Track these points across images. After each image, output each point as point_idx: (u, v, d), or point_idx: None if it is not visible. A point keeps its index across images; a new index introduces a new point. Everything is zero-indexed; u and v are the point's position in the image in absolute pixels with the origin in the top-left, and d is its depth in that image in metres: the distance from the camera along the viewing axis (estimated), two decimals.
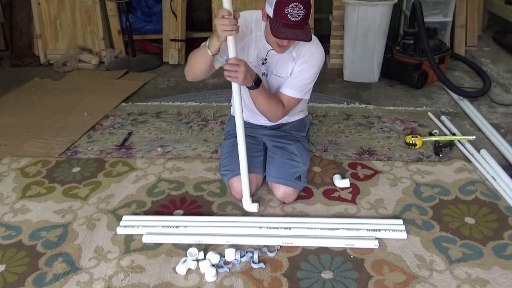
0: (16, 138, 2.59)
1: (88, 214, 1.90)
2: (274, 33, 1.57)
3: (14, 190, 2.09)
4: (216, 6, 3.62)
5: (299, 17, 1.53)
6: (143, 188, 2.07)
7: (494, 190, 1.97)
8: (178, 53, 3.83)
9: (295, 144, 1.99)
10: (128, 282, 1.54)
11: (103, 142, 2.54)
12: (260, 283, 1.51)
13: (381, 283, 1.50)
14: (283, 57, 1.78)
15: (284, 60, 1.79)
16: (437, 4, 3.53)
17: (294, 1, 1.51)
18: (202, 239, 1.70)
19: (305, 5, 1.53)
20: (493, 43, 3.82)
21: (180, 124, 2.74)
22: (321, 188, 2.02)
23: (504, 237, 1.69)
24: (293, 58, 1.79)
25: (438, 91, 3.14)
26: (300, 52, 1.78)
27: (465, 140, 2.34)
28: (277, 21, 1.55)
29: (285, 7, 1.51)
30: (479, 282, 1.49)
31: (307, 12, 1.54)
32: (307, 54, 1.77)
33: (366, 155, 2.31)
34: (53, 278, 1.56)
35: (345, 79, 3.41)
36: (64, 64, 3.82)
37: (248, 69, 1.63)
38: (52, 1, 3.93)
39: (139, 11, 4.05)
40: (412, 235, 1.71)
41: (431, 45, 3.06)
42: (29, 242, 1.75)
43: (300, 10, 1.52)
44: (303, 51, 1.77)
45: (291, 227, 1.74)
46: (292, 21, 1.53)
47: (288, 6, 1.51)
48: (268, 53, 1.78)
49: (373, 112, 2.81)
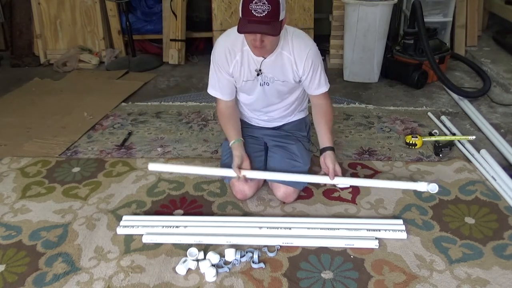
0: (16, 138, 2.59)
1: (88, 214, 1.90)
2: (238, 29, 1.59)
3: (14, 190, 2.09)
4: (216, 6, 3.62)
5: (264, 13, 1.53)
6: (143, 188, 2.07)
7: (494, 190, 1.97)
8: (178, 53, 3.84)
9: (296, 144, 1.99)
10: (128, 282, 1.54)
11: (103, 142, 2.54)
12: (260, 283, 1.51)
13: (381, 283, 1.50)
14: (277, 62, 1.79)
15: (280, 65, 1.79)
16: (437, 4, 3.54)
17: None
18: (202, 239, 1.70)
19: (270, 1, 1.54)
20: (493, 43, 3.82)
21: (180, 124, 2.74)
22: (321, 188, 2.02)
23: (504, 237, 1.69)
24: (290, 61, 1.79)
25: (438, 91, 3.14)
26: (293, 52, 1.78)
27: (465, 140, 2.34)
28: (244, 18, 1.58)
29: (250, 3, 1.54)
30: (479, 282, 1.49)
31: (273, 8, 1.54)
32: (303, 52, 1.78)
33: (366, 155, 2.31)
34: (53, 278, 1.56)
35: (345, 79, 3.41)
36: (64, 64, 3.82)
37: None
38: (52, 1, 3.93)
39: (139, 11, 4.05)
40: (412, 235, 1.71)
41: (431, 45, 3.06)
42: (29, 242, 1.75)
43: (265, 5, 1.53)
44: (296, 50, 1.77)
45: (291, 227, 1.74)
46: (257, 16, 1.54)
47: (252, 2, 1.54)
48: (262, 63, 1.78)
49: (373, 112, 2.81)
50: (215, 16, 3.65)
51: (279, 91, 1.90)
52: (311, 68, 1.80)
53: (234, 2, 3.62)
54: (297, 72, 1.81)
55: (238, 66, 1.81)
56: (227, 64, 1.81)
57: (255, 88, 1.88)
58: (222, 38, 1.83)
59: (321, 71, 1.85)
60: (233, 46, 1.78)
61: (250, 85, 1.86)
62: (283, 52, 1.77)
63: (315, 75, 1.83)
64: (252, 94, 1.91)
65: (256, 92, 1.90)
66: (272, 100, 1.95)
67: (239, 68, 1.81)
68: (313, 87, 1.87)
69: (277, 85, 1.86)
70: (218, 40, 1.84)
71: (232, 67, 1.81)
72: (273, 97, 1.93)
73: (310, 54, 1.78)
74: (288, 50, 1.77)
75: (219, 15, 3.64)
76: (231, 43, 1.79)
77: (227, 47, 1.79)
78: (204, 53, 4.05)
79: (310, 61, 1.79)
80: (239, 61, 1.80)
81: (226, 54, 1.80)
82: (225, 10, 3.64)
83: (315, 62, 1.80)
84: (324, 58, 3.86)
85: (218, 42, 1.84)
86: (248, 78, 1.83)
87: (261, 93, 1.89)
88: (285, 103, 1.98)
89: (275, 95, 1.92)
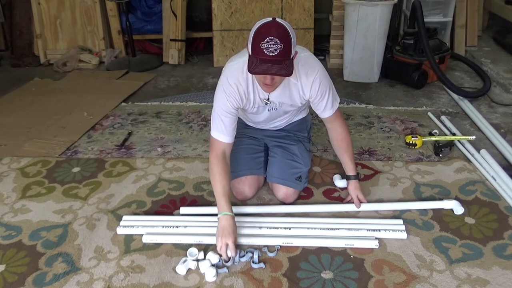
0: (16, 138, 2.59)
1: (88, 214, 1.90)
2: (249, 69, 1.51)
3: (14, 190, 2.09)
4: (216, 6, 3.62)
5: (275, 52, 1.44)
6: (143, 188, 2.07)
7: (494, 190, 1.97)
8: (178, 53, 3.84)
9: (297, 144, 1.99)
10: (128, 282, 1.54)
11: (103, 142, 2.54)
12: (260, 283, 1.51)
13: (381, 283, 1.50)
14: (285, 90, 1.74)
15: (288, 92, 1.76)
16: (437, 4, 3.53)
17: (270, 35, 1.44)
18: (202, 239, 1.70)
19: (283, 40, 1.45)
20: (493, 43, 3.82)
21: (180, 124, 2.74)
22: (321, 188, 2.02)
23: (504, 237, 1.69)
24: (297, 87, 1.73)
25: (438, 91, 3.14)
26: (300, 79, 1.71)
27: (465, 140, 2.34)
28: (255, 57, 1.48)
29: (261, 42, 1.45)
30: (479, 282, 1.49)
31: (285, 47, 1.45)
32: (310, 78, 1.71)
33: (366, 155, 2.31)
34: (53, 278, 1.56)
35: (345, 79, 3.41)
36: (64, 64, 3.82)
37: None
38: (52, 1, 3.93)
39: (139, 11, 4.05)
40: (412, 235, 1.71)
41: (431, 45, 3.06)
42: (29, 242, 1.75)
43: (277, 44, 1.43)
44: (303, 77, 1.71)
45: (291, 227, 1.74)
46: (269, 56, 1.45)
47: (264, 41, 1.44)
48: (270, 93, 1.73)
49: (373, 112, 2.81)
50: (215, 16, 3.65)
51: (286, 111, 1.91)
52: (318, 91, 1.74)
53: (234, 2, 3.62)
54: (304, 97, 1.78)
55: (250, 97, 1.75)
56: (239, 102, 1.71)
57: (263, 112, 1.87)
58: (230, 77, 1.70)
59: (329, 93, 1.78)
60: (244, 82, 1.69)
61: (260, 110, 1.85)
62: (290, 79, 1.70)
63: (323, 98, 1.77)
64: (259, 115, 1.91)
65: (263, 115, 1.89)
66: (278, 118, 1.97)
67: (252, 98, 1.75)
68: (321, 109, 1.81)
69: (285, 107, 1.85)
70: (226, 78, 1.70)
71: (246, 100, 1.74)
72: (279, 115, 1.94)
73: (317, 79, 1.71)
74: (294, 77, 1.70)
75: (219, 15, 3.64)
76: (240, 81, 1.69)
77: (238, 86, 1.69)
78: (204, 53, 4.06)
79: (317, 86, 1.72)
80: (251, 92, 1.73)
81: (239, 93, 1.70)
82: (225, 10, 3.64)
83: (322, 86, 1.73)
84: (324, 58, 3.86)
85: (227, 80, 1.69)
86: (259, 105, 1.81)
87: (268, 114, 1.89)
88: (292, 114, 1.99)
89: (282, 114, 1.93)
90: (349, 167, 1.90)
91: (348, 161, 1.89)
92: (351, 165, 1.89)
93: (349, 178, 1.90)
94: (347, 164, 1.90)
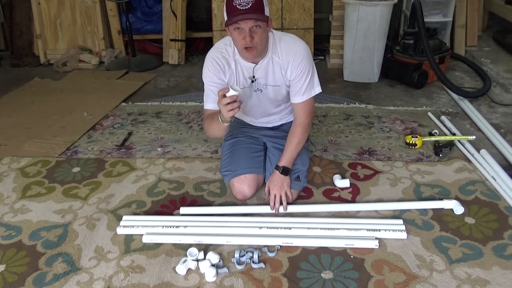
0: (16, 138, 2.59)
1: (88, 214, 1.90)
2: (226, 23, 1.61)
3: (14, 190, 2.09)
4: (216, 6, 3.62)
5: (248, 5, 1.55)
6: (143, 188, 2.07)
7: (494, 190, 1.96)
8: (178, 53, 3.84)
9: None
10: (128, 282, 1.54)
11: (103, 142, 2.54)
12: (260, 283, 1.51)
13: (381, 283, 1.50)
14: (268, 67, 1.78)
15: (271, 70, 1.79)
16: (437, 4, 3.53)
17: None
18: (202, 239, 1.70)
19: None
20: (493, 43, 3.82)
21: (180, 124, 2.74)
22: (321, 188, 2.02)
23: (504, 237, 1.69)
24: (279, 65, 1.78)
25: (438, 91, 3.14)
26: (282, 56, 1.76)
27: (465, 140, 2.34)
28: (230, 14, 1.59)
29: (233, 1, 1.56)
30: (479, 282, 1.49)
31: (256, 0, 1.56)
32: (291, 55, 1.75)
33: (366, 155, 2.31)
34: (53, 278, 1.56)
35: (345, 79, 3.41)
36: (64, 64, 3.82)
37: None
38: (52, 1, 3.93)
39: (139, 11, 4.05)
40: (412, 235, 1.71)
41: (431, 45, 3.06)
42: (29, 242, 1.75)
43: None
44: (284, 54, 1.76)
45: (291, 227, 1.74)
46: (242, 9, 1.55)
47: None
48: (253, 69, 1.78)
49: (373, 112, 2.81)
50: (215, 16, 3.65)
51: (272, 99, 1.90)
52: (298, 69, 1.76)
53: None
54: (286, 76, 1.80)
55: (234, 75, 1.81)
56: (222, 73, 1.79)
57: (250, 96, 1.88)
58: (212, 52, 1.83)
59: (309, 78, 1.79)
60: (225, 55, 1.79)
61: (247, 92, 1.86)
62: (273, 57, 1.77)
63: (300, 79, 1.78)
64: (248, 102, 1.91)
65: (251, 100, 1.90)
66: (268, 108, 1.96)
67: (235, 77, 1.81)
68: (294, 91, 1.81)
69: (269, 91, 1.85)
70: (208, 54, 1.83)
71: (228, 76, 1.80)
72: (268, 104, 1.93)
73: (298, 56, 1.75)
74: (277, 54, 1.77)
75: (219, 15, 3.64)
76: (222, 54, 1.79)
77: (219, 58, 1.79)
78: (204, 53, 4.04)
79: (298, 63, 1.75)
80: (233, 70, 1.80)
81: (219, 64, 1.79)
82: None
83: (302, 65, 1.76)
84: (324, 58, 3.86)
85: (209, 55, 1.83)
86: (245, 85, 1.83)
87: (256, 100, 1.89)
88: (282, 107, 1.99)
89: (269, 102, 1.92)
90: (282, 157, 1.87)
91: (286, 151, 1.87)
92: (285, 156, 1.86)
93: (276, 167, 1.87)
94: (282, 154, 1.88)
